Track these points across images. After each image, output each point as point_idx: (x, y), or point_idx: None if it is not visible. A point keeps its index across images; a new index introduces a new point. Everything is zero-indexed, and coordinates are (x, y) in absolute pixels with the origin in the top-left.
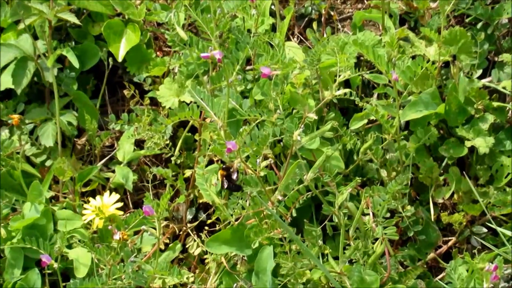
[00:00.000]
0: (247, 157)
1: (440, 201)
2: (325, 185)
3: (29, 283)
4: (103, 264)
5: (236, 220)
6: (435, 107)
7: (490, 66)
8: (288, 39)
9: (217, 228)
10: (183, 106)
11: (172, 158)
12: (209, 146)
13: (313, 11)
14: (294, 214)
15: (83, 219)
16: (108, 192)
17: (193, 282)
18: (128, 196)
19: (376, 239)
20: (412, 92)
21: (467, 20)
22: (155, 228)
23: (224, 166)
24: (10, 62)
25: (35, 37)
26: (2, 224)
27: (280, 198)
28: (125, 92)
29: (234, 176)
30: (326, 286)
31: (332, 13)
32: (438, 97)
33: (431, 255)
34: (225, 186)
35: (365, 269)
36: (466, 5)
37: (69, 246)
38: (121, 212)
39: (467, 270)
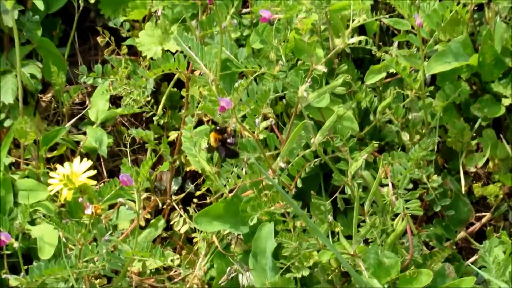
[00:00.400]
0: (244, 117)
1: (472, 170)
2: (336, 150)
3: None
4: (72, 243)
5: (230, 191)
6: (467, 58)
7: None
8: None
9: (208, 201)
10: (168, 56)
11: (154, 118)
12: (198, 103)
13: None
14: (300, 185)
15: (49, 190)
16: (78, 158)
17: (179, 265)
18: (102, 163)
19: (397, 215)
20: (440, 40)
21: None
22: (134, 201)
23: (217, 128)
24: None
25: None
26: None
27: (282, 165)
28: (99, 39)
29: (230, 140)
30: (336, 270)
31: None
32: (470, 46)
33: (462, 234)
34: (221, 153)
35: (383, 251)
36: None
37: (32, 222)
38: (94, 182)
39: (504, 252)
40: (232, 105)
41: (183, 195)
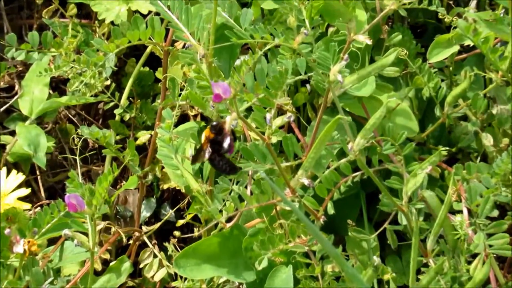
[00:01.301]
0: (249, 110)
1: None
2: (384, 160)
3: None
4: None
5: (229, 220)
6: None
7: None
8: None
9: (195, 234)
10: (136, 20)
11: (116, 112)
12: (182, 90)
13: None
14: (331, 211)
15: None
16: (3, 170)
17: None
18: (39, 178)
19: (475, 256)
20: None
21: None
22: (86, 234)
23: (212, 124)
24: None
25: None
26: None
27: (306, 182)
28: None
29: (226, 144)
30: None
31: None
32: None
33: None
34: (213, 161)
35: None
36: None
37: None
38: (27, 206)
39: None
40: (231, 92)
41: (158, 225)
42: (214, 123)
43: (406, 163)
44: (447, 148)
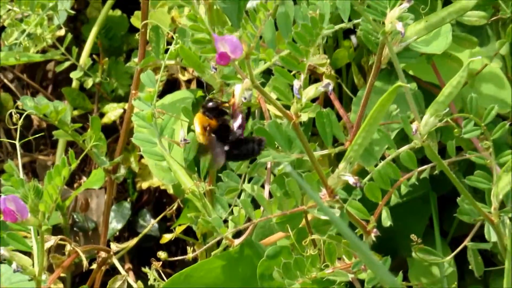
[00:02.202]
0: (268, 73)
1: None
2: (464, 148)
3: None
4: None
5: (237, 235)
6: None
7: None
8: None
9: (188, 256)
10: None
11: (73, 75)
12: (169, 45)
13: None
14: (387, 223)
15: None
16: None
17: None
18: None
19: None
20: None
21: None
22: (29, 254)
23: (209, 104)
24: None
25: None
26: None
27: (351, 180)
28: None
29: (237, 124)
30: None
31: None
32: None
33: None
34: (216, 154)
35: None
36: None
37: None
38: None
39: None
40: (243, 50)
41: (134, 241)
42: (210, 103)
43: (497, 151)
44: None
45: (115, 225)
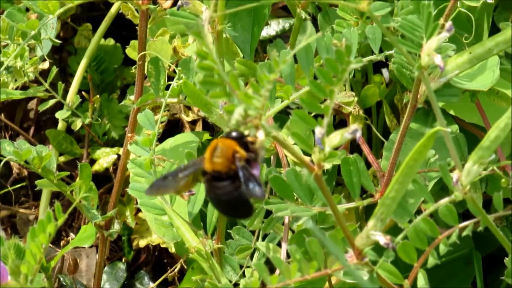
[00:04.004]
0: (286, 113)
1: None
2: None
3: None
4: None
5: None
6: None
7: None
8: None
9: None
10: None
11: (59, 115)
12: (171, 80)
13: None
14: (425, 287)
15: None
16: None
17: None
18: None
19: None
20: None
21: None
22: None
23: (233, 133)
24: None
25: None
26: None
27: (382, 240)
28: None
29: (256, 171)
30: None
31: None
32: None
33: None
34: (253, 190)
35: None
36: None
37: None
38: None
39: None
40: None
41: None
42: (236, 132)
43: None
44: None
45: None
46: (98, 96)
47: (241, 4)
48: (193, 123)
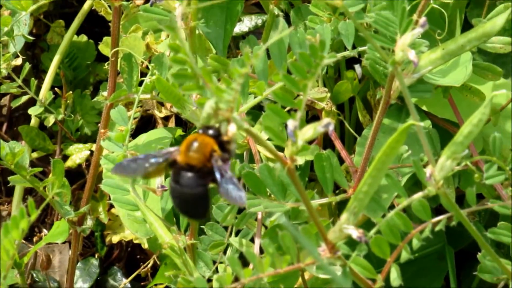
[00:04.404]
0: (259, 108)
1: None
2: (486, 195)
3: None
4: None
5: None
6: None
7: None
8: None
9: None
10: None
11: (32, 111)
12: (144, 76)
13: None
14: (397, 282)
15: None
16: None
17: None
18: None
19: None
20: None
21: None
22: None
23: (207, 126)
24: None
25: None
26: None
27: (355, 233)
28: None
29: (227, 167)
30: None
31: None
32: None
33: None
34: (227, 181)
35: None
36: None
37: None
38: None
39: None
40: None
41: None
42: (212, 129)
43: None
44: None
45: (81, 285)
46: (71, 92)
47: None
48: (166, 119)
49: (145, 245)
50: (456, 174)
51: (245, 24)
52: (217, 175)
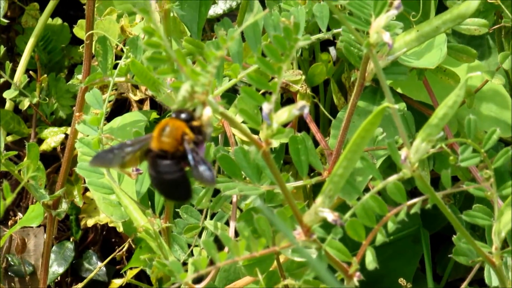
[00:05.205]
0: (234, 91)
1: None
2: (461, 178)
3: None
4: None
5: (199, 281)
6: None
7: None
8: None
9: None
10: None
11: (7, 95)
12: (118, 59)
13: None
14: (372, 265)
15: None
16: None
17: None
18: None
19: None
20: None
21: None
22: None
23: (180, 110)
24: None
25: None
26: None
27: (330, 216)
28: None
29: (202, 149)
30: None
31: None
32: None
33: None
34: (199, 171)
35: None
36: None
37: None
38: None
39: None
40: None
41: (79, 287)
42: (184, 113)
43: (498, 182)
44: None
45: (56, 268)
46: (45, 75)
47: None
48: (141, 102)
49: (120, 229)
50: (431, 157)
51: (220, 6)
52: (189, 158)
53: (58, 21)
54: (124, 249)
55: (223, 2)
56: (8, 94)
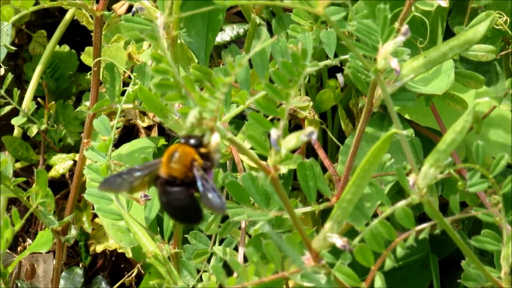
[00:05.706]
0: (242, 117)
1: None
2: (470, 203)
3: None
4: None
5: None
6: None
7: None
8: None
9: None
10: None
11: (15, 122)
12: (126, 86)
13: None
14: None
15: None
16: None
17: None
18: None
19: None
20: None
21: None
22: None
23: (189, 135)
24: None
25: None
26: None
27: (339, 242)
28: None
29: (210, 176)
30: None
31: None
32: None
33: None
34: (209, 190)
35: None
36: None
37: None
38: None
39: None
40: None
41: None
42: (194, 138)
43: (507, 207)
44: None
45: None
46: (53, 102)
47: (196, 8)
48: (149, 128)
49: (129, 254)
50: (439, 182)
51: (227, 33)
52: (199, 184)
53: (66, 48)
54: (133, 275)
55: (230, 29)
56: (16, 121)
